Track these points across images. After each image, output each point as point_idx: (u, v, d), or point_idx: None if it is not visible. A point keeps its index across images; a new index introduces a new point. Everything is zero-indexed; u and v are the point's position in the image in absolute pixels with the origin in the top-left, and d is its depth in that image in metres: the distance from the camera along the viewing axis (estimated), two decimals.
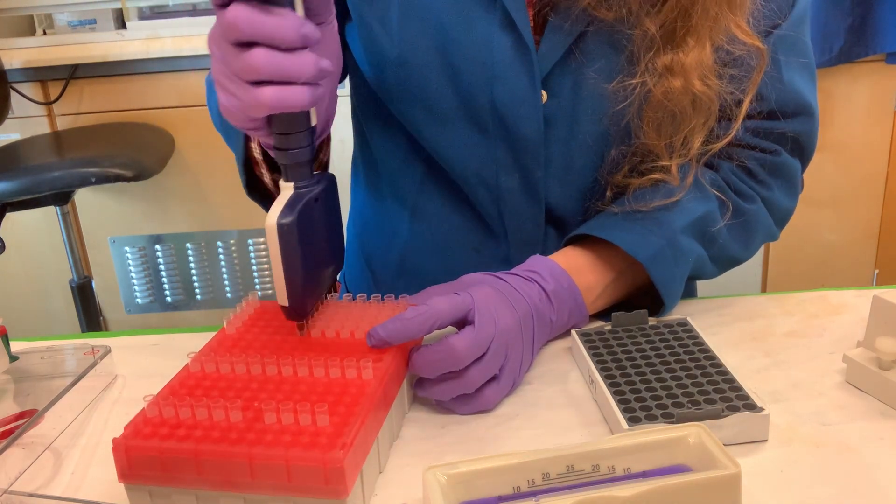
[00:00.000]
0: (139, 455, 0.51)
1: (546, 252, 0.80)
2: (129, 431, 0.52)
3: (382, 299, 0.67)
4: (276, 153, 0.59)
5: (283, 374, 0.58)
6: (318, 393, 0.56)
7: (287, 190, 0.59)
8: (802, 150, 0.82)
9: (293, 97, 0.54)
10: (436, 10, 0.74)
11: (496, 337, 0.62)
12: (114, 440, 0.51)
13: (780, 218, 0.83)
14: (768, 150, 0.80)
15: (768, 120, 0.78)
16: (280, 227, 0.56)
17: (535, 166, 0.78)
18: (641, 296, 0.77)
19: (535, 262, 0.73)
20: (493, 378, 0.63)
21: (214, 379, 0.58)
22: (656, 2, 0.70)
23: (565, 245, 0.78)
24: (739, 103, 0.73)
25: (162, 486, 0.52)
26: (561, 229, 0.83)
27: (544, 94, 0.76)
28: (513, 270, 0.71)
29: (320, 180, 0.61)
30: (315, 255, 0.60)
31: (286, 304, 0.59)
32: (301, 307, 0.60)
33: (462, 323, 0.63)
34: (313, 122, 0.59)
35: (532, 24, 0.75)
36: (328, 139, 0.77)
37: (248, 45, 0.53)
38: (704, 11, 0.69)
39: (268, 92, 0.54)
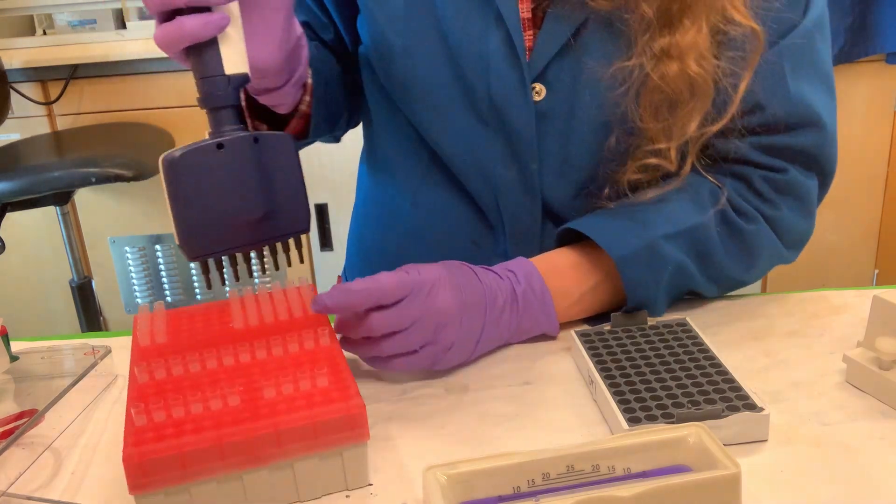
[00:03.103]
0: (154, 459, 0.51)
1: (544, 247, 0.81)
2: (135, 440, 0.51)
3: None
4: (197, 100, 0.61)
5: (241, 360, 0.60)
6: (291, 366, 0.58)
7: (205, 135, 0.60)
8: (814, 165, 0.77)
9: (166, 30, 0.57)
10: (438, 1, 0.76)
11: (423, 316, 0.64)
12: (124, 452, 0.50)
13: (793, 239, 0.79)
14: (776, 167, 0.76)
15: (773, 134, 0.75)
16: (163, 161, 0.58)
17: (530, 159, 0.78)
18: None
19: (516, 262, 0.74)
20: (411, 351, 0.66)
21: (176, 381, 0.58)
22: None
23: (559, 239, 0.79)
24: (736, 87, 0.72)
25: (178, 485, 0.52)
26: (559, 225, 0.82)
27: (543, 88, 0.76)
28: (494, 267, 0.73)
29: (239, 132, 0.60)
30: (213, 198, 0.59)
31: (178, 242, 0.60)
32: (191, 246, 0.59)
33: None
34: (226, 70, 0.59)
35: (531, 17, 0.75)
36: (308, 89, 0.78)
37: None
38: None
39: (156, 30, 0.57)
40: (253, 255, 0.64)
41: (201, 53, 0.58)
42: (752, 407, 0.58)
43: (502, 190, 0.81)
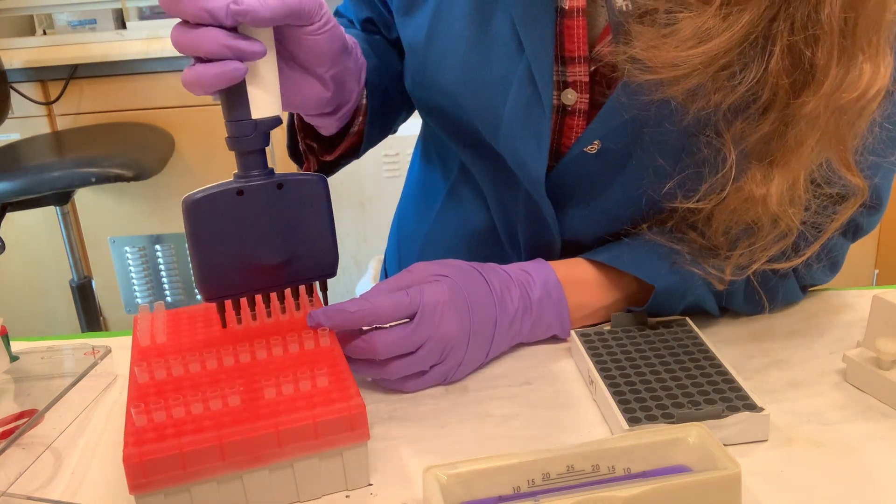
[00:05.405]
0: (154, 459, 0.51)
1: None
2: (135, 440, 0.51)
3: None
4: (225, 139, 0.60)
5: (241, 360, 0.60)
6: (291, 366, 0.58)
7: (231, 178, 0.60)
8: (857, 235, 0.77)
9: (187, 76, 0.56)
10: (461, 43, 0.73)
11: (430, 340, 0.64)
12: (124, 452, 0.50)
13: (810, 285, 0.79)
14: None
15: (832, 203, 0.68)
16: (183, 202, 0.58)
17: (547, 212, 0.76)
18: None
19: (536, 265, 0.72)
20: (421, 371, 0.66)
21: (176, 381, 0.58)
22: (750, 115, 0.61)
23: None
24: (818, 234, 0.66)
25: (178, 485, 0.52)
26: (578, 248, 0.79)
27: (597, 143, 0.71)
28: (507, 267, 0.71)
29: (264, 178, 0.59)
30: (231, 243, 0.59)
31: (195, 281, 0.61)
32: (206, 287, 0.60)
33: (412, 318, 0.65)
34: (255, 114, 0.58)
35: (587, 81, 0.71)
36: (361, 111, 0.79)
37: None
38: (798, 142, 0.59)
39: (184, 72, 0.57)
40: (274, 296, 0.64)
41: (227, 97, 0.57)
42: (752, 407, 0.58)
43: (519, 226, 0.80)
